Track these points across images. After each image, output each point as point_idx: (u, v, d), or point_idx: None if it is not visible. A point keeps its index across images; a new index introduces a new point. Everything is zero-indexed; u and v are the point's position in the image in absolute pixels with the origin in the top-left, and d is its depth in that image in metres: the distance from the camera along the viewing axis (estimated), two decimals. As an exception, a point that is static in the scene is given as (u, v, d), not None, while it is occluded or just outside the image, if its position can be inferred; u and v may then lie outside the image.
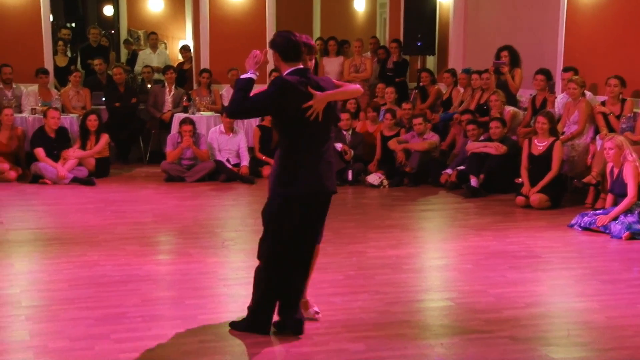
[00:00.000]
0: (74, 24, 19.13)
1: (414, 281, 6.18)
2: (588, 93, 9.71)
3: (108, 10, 18.86)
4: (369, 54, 13.84)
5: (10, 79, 11.64)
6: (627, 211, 7.67)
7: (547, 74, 10.23)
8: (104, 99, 12.25)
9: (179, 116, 11.51)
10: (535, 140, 9.16)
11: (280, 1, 13.61)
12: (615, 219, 7.65)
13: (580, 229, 7.84)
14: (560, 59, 10.73)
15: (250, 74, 4.70)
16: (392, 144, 10.67)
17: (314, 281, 5.19)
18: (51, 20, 13.04)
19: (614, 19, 9.92)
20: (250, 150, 11.24)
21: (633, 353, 4.68)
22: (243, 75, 4.70)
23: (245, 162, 10.90)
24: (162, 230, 7.93)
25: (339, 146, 10.46)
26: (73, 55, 14.44)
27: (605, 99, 9.43)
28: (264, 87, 4.80)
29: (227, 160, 10.86)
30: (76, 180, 10.26)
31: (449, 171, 10.24)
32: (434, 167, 10.42)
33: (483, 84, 10.90)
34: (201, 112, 11.93)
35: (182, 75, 13.66)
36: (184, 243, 7.34)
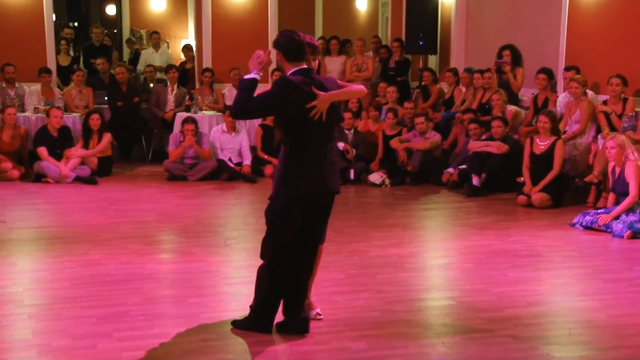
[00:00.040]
0: (76, 24, 19.11)
1: (415, 280, 6.18)
2: (590, 92, 9.71)
3: (111, 10, 18.84)
4: (371, 53, 13.79)
5: (13, 78, 11.64)
6: (629, 210, 7.68)
7: (549, 73, 10.23)
8: (106, 98, 12.24)
9: (181, 115, 11.53)
10: (537, 140, 9.16)
11: (283, 0, 13.58)
12: (617, 218, 7.65)
13: (581, 228, 7.85)
14: (562, 58, 10.71)
15: (253, 74, 4.70)
16: (394, 143, 10.67)
17: (315, 280, 5.19)
18: (54, 20, 13.02)
19: (616, 18, 9.92)
20: (253, 149, 11.23)
21: (634, 352, 4.68)
22: (246, 76, 4.71)
23: (248, 161, 10.92)
24: (165, 229, 7.94)
25: (341, 145, 10.47)
26: (76, 54, 14.41)
27: (607, 98, 9.42)
28: (267, 86, 4.81)
29: (230, 159, 10.87)
30: (79, 179, 10.28)
31: (450, 170, 10.24)
32: (435, 166, 10.41)
33: (485, 83, 10.88)
34: (203, 111, 11.93)
35: (185, 74, 13.62)
36: (186, 242, 7.35)
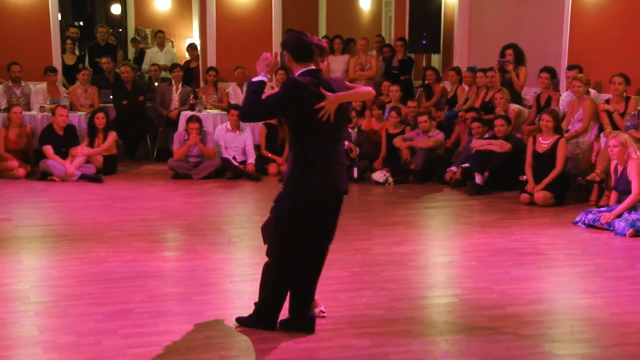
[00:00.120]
0: (82, 23, 19.10)
1: (418, 278, 6.18)
2: (592, 91, 9.71)
3: (116, 9, 18.85)
4: (374, 52, 13.83)
5: (19, 77, 11.65)
6: (631, 208, 7.69)
7: (552, 72, 10.23)
8: (111, 97, 12.26)
9: (185, 114, 11.54)
10: (540, 138, 9.16)
11: (287, 0, 13.62)
12: (619, 216, 7.65)
13: (584, 226, 7.85)
14: (564, 57, 10.72)
15: (261, 76, 4.71)
16: (397, 141, 10.68)
17: (319, 277, 5.21)
18: (59, 19, 13.03)
19: (618, 17, 9.91)
20: (257, 147, 11.24)
21: (636, 349, 4.68)
22: (254, 78, 4.71)
23: (252, 159, 10.92)
24: (169, 227, 7.96)
25: (345, 144, 10.47)
26: (81, 53, 14.42)
27: (609, 97, 9.44)
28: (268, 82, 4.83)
29: (234, 158, 10.88)
30: (84, 178, 10.29)
31: (453, 169, 10.24)
32: (438, 164, 10.42)
33: (488, 82, 10.89)
34: (208, 110, 11.94)
35: (189, 73, 13.64)
36: (190, 240, 7.36)
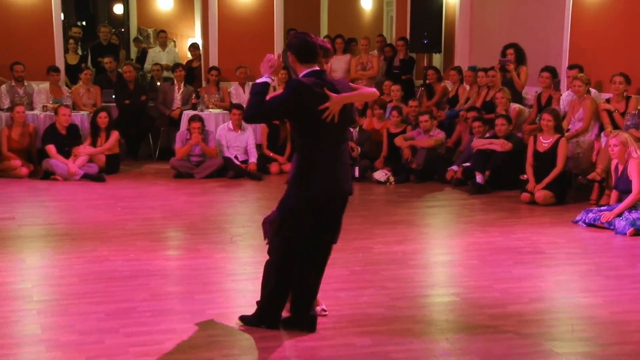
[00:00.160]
0: (84, 23, 19.14)
1: (419, 277, 6.20)
2: (593, 90, 9.70)
3: (118, 9, 18.86)
4: (375, 52, 13.82)
5: (22, 76, 11.65)
6: (632, 207, 7.70)
7: (553, 72, 10.22)
8: (114, 96, 12.27)
9: (187, 113, 11.54)
10: (541, 137, 9.16)
11: (288, 0, 13.62)
12: (620, 215, 7.66)
13: (584, 225, 7.86)
14: (565, 56, 10.72)
15: (265, 78, 4.70)
16: (399, 141, 10.68)
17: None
18: (62, 19, 13.04)
19: (619, 17, 9.91)
20: (258, 147, 11.26)
21: (636, 348, 4.70)
22: (258, 80, 4.71)
23: (253, 158, 10.93)
24: (171, 226, 7.97)
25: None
26: (84, 53, 14.41)
27: (610, 97, 9.43)
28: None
29: (235, 157, 10.89)
30: (87, 177, 10.32)
31: (454, 168, 10.25)
32: (439, 163, 10.43)
33: (489, 81, 10.88)
34: (210, 110, 11.96)
35: (191, 73, 13.64)
36: (192, 239, 7.38)
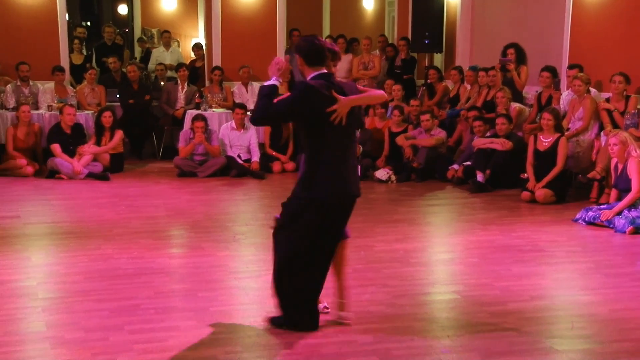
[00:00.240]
0: (89, 23, 19.18)
1: (421, 274, 6.21)
2: (593, 90, 9.73)
3: (122, 9, 18.88)
4: (377, 51, 13.84)
5: (28, 76, 11.68)
6: (631, 206, 7.72)
7: (553, 71, 10.25)
8: (118, 96, 12.32)
9: (191, 113, 11.59)
10: (541, 137, 9.18)
11: (291, 0, 13.62)
12: (619, 213, 7.68)
13: (584, 223, 7.87)
14: (565, 56, 10.74)
15: (273, 80, 4.69)
16: (400, 140, 10.70)
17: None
18: (67, 19, 13.05)
19: (619, 17, 9.93)
20: (261, 146, 11.28)
21: (636, 345, 4.70)
22: (266, 82, 4.69)
23: (256, 157, 10.96)
24: (175, 225, 7.98)
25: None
26: (88, 53, 14.44)
27: (609, 96, 9.45)
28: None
29: (238, 156, 10.92)
30: (91, 176, 10.35)
31: (455, 167, 10.26)
32: (441, 162, 10.45)
33: (489, 81, 10.89)
34: (213, 109, 11.99)
35: (195, 72, 13.65)
36: (196, 237, 7.39)
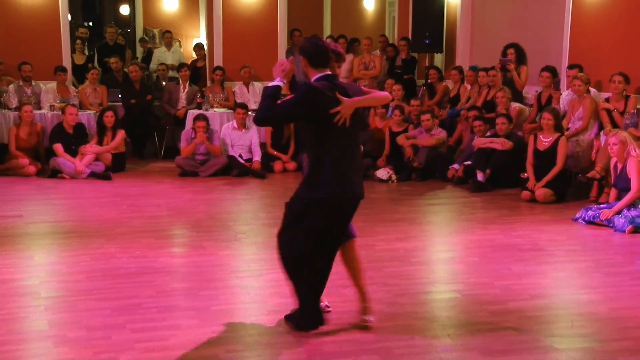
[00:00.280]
0: (91, 23, 19.17)
1: (421, 273, 6.23)
2: (592, 90, 9.74)
3: (124, 10, 18.90)
4: (378, 51, 13.84)
5: (30, 76, 11.72)
6: (631, 205, 7.73)
7: (553, 71, 10.26)
8: (120, 95, 12.34)
9: (192, 112, 11.61)
10: (541, 136, 9.20)
11: (292, 0, 13.65)
12: (619, 213, 7.69)
13: (584, 222, 7.88)
14: (565, 56, 10.75)
15: (277, 81, 4.69)
16: (401, 139, 10.72)
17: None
18: (69, 20, 13.08)
19: (618, 17, 9.94)
20: (262, 145, 11.30)
21: (635, 344, 4.72)
22: (270, 83, 4.69)
23: (257, 157, 10.99)
24: (177, 224, 8.01)
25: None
26: (90, 53, 14.46)
27: (609, 96, 9.46)
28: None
29: (240, 156, 10.94)
30: (93, 175, 10.38)
31: (455, 166, 10.27)
32: (441, 162, 10.46)
33: (490, 81, 10.91)
34: (214, 109, 12.01)
35: (196, 72, 13.69)
36: (197, 236, 7.40)
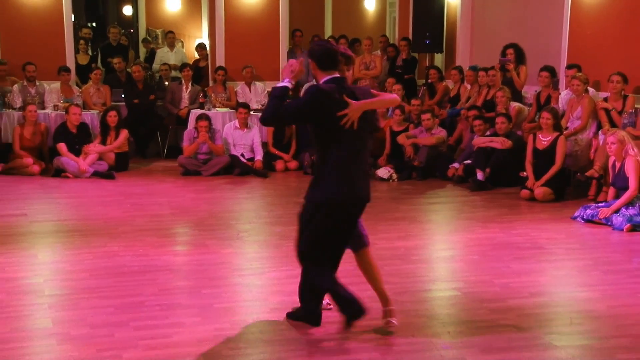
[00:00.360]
0: (94, 24, 19.16)
1: (422, 272, 6.26)
2: (591, 89, 9.76)
3: (127, 10, 18.88)
4: (378, 52, 13.84)
5: (34, 76, 11.75)
6: (629, 204, 7.77)
7: (552, 71, 10.29)
8: (123, 95, 12.39)
9: (195, 112, 11.63)
10: (540, 135, 9.24)
11: (293, 1, 13.68)
12: (617, 211, 7.72)
13: (582, 221, 7.92)
14: (564, 56, 10.76)
15: (285, 82, 4.69)
16: (401, 138, 10.76)
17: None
18: (73, 20, 13.12)
19: (616, 17, 9.96)
20: (264, 145, 11.34)
21: (634, 341, 4.75)
22: (278, 84, 4.70)
23: (259, 156, 11.03)
24: (179, 222, 8.05)
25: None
26: (94, 53, 14.48)
27: (607, 95, 9.49)
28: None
29: (242, 155, 10.99)
30: (97, 174, 10.42)
31: (456, 165, 10.30)
32: (441, 161, 10.48)
33: (489, 80, 10.93)
34: (217, 108, 12.04)
35: (198, 72, 13.71)
36: (200, 234, 7.44)
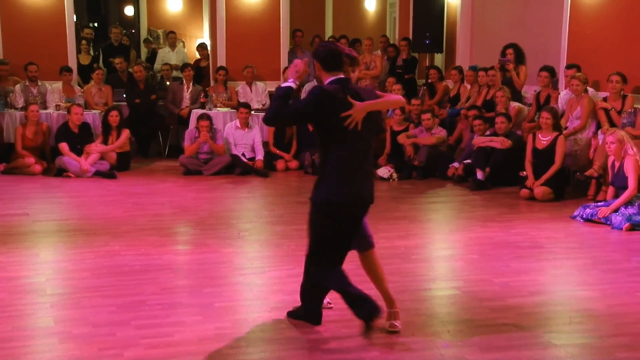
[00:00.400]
0: (96, 24, 19.20)
1: (422, 270, 6.27)
2: (590, 89, 9.78)
3: (129, 11, 18.90)
4: (379, 52, 13.85)
5: (36, 76, 11.79)
6: (628, 203, 7.78)
7: (551, 71, 10.31)
8: (124, 95, 12.42)
9: (196, 112, 11.66)
10: (539, 135, 9.25)
11: (294, 1, 13.71)
12: (616, 210, 7.74)
13: (582, 220, 7.94)
14: (563, 56, 10.76)
15: (290, 82, 4.70)
16: (401, 138, 10.79)
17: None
18: (74, 21, 13.15)
19: (616, 17, 9.97)
20: (265, 144, 11.36)
21: (633, 339, 4.77)
22: (283, 84, 4.70)
23: (260, 156, 11.06)
24: (180, 222, 8.07)
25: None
26: (95, 53, 14.53)
27: (607, 95, 9.50)
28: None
29: (243, 155, 11.02)
30: (98, 174, 10.45)
31: (456, 165, 10.32)
32: (441, 160, 10.51)
33: (489, 80, 10.95)
34: (218, 108, 12.07)
35: (200, 72, 13.73)
36: (201, 234, 7.46)
